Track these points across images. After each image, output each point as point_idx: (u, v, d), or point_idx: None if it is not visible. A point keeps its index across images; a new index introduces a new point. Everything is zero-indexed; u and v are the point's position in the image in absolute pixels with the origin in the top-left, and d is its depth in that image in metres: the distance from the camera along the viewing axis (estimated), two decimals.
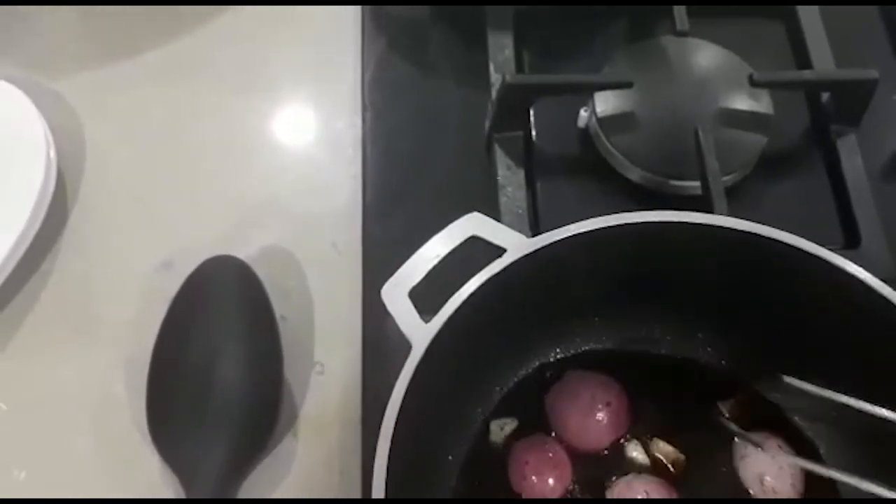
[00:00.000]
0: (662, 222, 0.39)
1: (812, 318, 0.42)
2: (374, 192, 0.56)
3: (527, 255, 0.38)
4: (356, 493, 0.46)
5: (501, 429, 0.44)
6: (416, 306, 0.38)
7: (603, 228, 0.39)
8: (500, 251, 0.38)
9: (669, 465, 0.43)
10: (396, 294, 0.38)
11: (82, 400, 0.49)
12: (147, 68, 0.61)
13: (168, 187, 0.56)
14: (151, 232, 0.55)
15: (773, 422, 0.44)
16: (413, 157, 0.57)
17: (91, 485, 0.47)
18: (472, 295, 0.37)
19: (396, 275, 0.38)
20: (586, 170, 0.56)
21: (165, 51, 0.61)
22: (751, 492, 0.42)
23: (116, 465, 0.48)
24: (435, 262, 0.38)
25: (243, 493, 0.47)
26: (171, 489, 0.46)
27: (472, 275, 0.38)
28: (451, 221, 0.41)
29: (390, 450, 0.33)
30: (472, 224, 0.39)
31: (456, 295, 0.37)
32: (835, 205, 0.55)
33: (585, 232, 0.38)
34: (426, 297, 0.40)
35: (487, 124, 0.56)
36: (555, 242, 0.38)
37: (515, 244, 0.38)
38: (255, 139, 0.59)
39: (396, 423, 0.34)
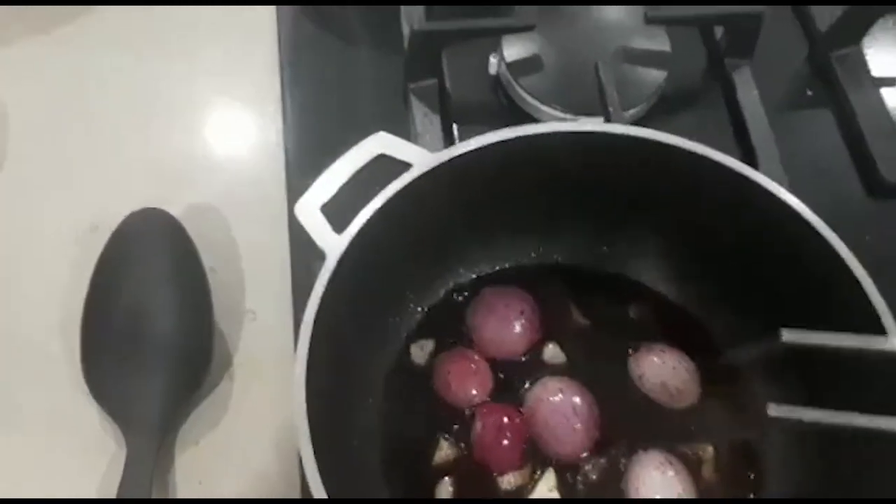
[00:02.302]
0: (557, 132, 0.41)
1: (716, 226, 0.45)
2: (295, 147, 0.57)
3: (433, 168, 0.40)
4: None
5: (422, 349, 0.46)
6: (331, 224, 0.40)
7: (503, 141, 0.41)
8: (408, 167, 0.40)
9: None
10: (309, 210, 0.39)
11: (19, 362, 0.50)
12: (63, 40, 0.62)
13: (94, 153, 0.58)
14: (80, 197, 0.56)
15: (680, 323, 0.47)
16: (332, 111, 0.59)
17: (34, 440, 0.48)
18: (382, 207, 0.39)
19: (308, 192, 0.40)
20: (500, 113, 0.58)
21: (80, 22, 0.62)
22: (652, 397, 0.45)
23: (58, 420, 0.48)
24: (345, 178, 0.40)
25: (184, 433, 0.48)
26: (113, 437, 0.47)
27: None
28: None
29: (309, 357, 0.35)
30: (379, 142, 0.41)
31: (367, 207, 0.39)
32: (733, 133, 0.59)
33: (488, 145, 0.41)
34: (345, 219, 0.41)
35: (402, 75, 0.58)
36: (460, 155, 0.40)
37: (421, 159, 0.40)
38: (176, 102, 0.60)
39: (314, 331, 0.36)
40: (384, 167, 0.43)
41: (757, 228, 0.43)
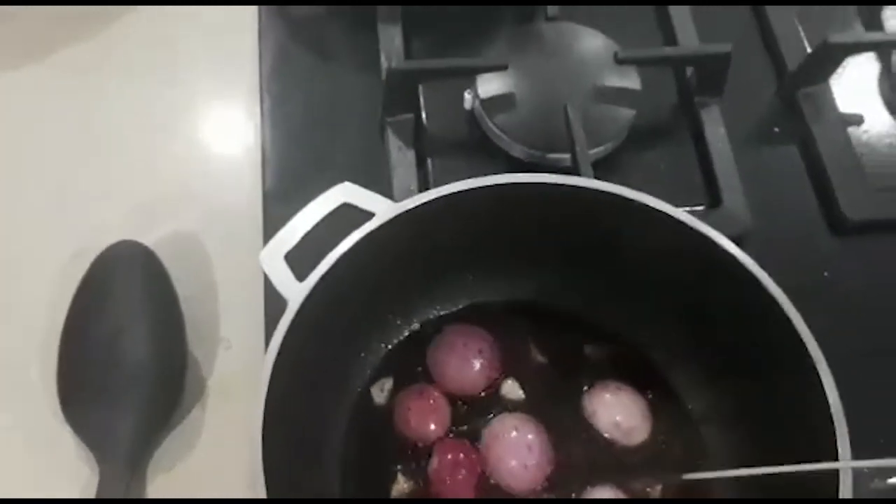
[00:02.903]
0: (515, 183, 0.43)
1: (670, 273, 0.46)
2: (273, 178, 0.59)
3: (395, 218, 0.42)
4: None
5: (382, 390, 0.48)
6: (297, 271, 0.42)
7: (463, 191, 0.42)
8: (371, 216, 0.42)
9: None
10: (273, 258, 0.41)
11: None
12: (53, 68, 0.63)
13: (76, 180, 0.59)
14: (60, 223, 0.57)
15: (635, 364, 0.49)
16: (311, 143, 0.61)
17: (6, 464, 0.50)
18: (344, 255, 0.41)
19: (272, 241, 0.42)
20: (473, 148, 0.60)
21: (70, 51, 0.64)
22: (605, 434, 0.47)
23: (31, 444, 0.50)
24: (309, 227, 0.42)
25: (156, 461, 0.50)
26: (86, 463, 0.49)
27: None
28: None
29: (268, 399, 0.37)
30: (343, 192, 0.43)
31: (328, 256, 0.41)
32: (700, 170, 0.60)
33: (448, 195, 0.42)
34: (309, 265, 0.43)
35: (380, 109, 0.60)
36: (420, 205, 0.42)
37: (384, 208, 0.42)
38: (158, 132, 0.62)
39: (273, 375, 0.37)
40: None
41: (707, 277, 0.44)
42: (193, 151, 0.62)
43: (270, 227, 0.57)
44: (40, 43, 0.64)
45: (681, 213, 0.43)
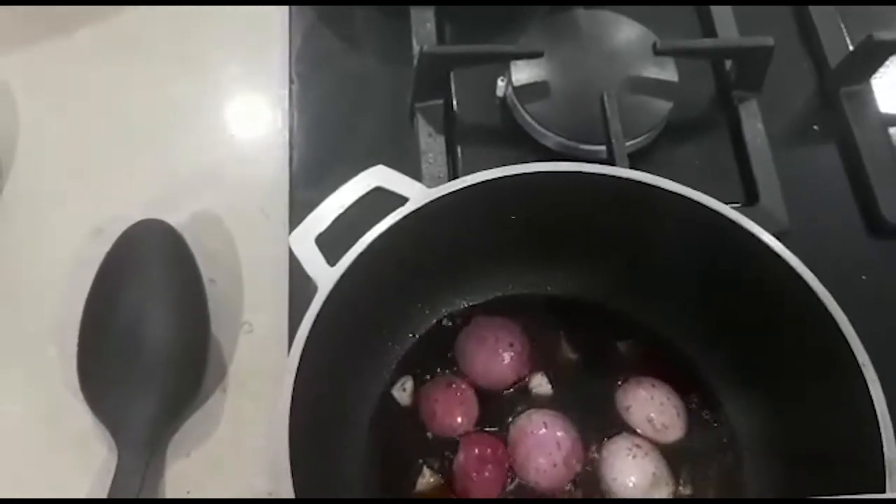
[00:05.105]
0: (554, 172, 0.42)
1: (707, 268, 0.45)
2: (300, 160, 0.58)
3: (428, 203, 0.40)
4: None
5: (407, 382, 0.47)
6: (325, 255, 0.40)
7: (499, 178, 0.41)
8: (404, 201, 0.41)
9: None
10: (303, 240, 0.40)
11: (14, 362, 0.51)
12: (81, 45, 0.63)
13: (101, 159, 0.58)
14: (85, 201, 0.56)
15: (671, 362, 0.47)
16: (339, 126, 0.60)
17: (25, 443, 0.49)
18: (376, 240, 0.40)
19: (304, 223, 0.41)
20: (504, 136, 0.59)
21: (98, 28, 0.63)
22: (638, 430, 0.46)
23: (49, 423, 0.49)
24: (341, 210, 0.41)
25: (174, 445, 0.49)
26: (104, 444, 0.48)
27: None
28: None
29: (296, 384, 0.36)
30: (377, 175, 0.41)
31: (361, 240, 0.39)
32: (736, 165, 0.59)
33: (483, 181, 0.41)
34: (340, 250, 0.42)
35: (410, 94, 0.58)
36: (455, 191, 0.41)
37: (417, 193, 0.41)
38: (186, 111, 0.61)
39: (301, 358, 0.36)
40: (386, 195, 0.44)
41: (746, 273, 0.43)
42: (221, 133, 0.61)
43: (296, 212, 0.56)
44: (69, 24, 0.63)
45: (724, 207, 0.41)
